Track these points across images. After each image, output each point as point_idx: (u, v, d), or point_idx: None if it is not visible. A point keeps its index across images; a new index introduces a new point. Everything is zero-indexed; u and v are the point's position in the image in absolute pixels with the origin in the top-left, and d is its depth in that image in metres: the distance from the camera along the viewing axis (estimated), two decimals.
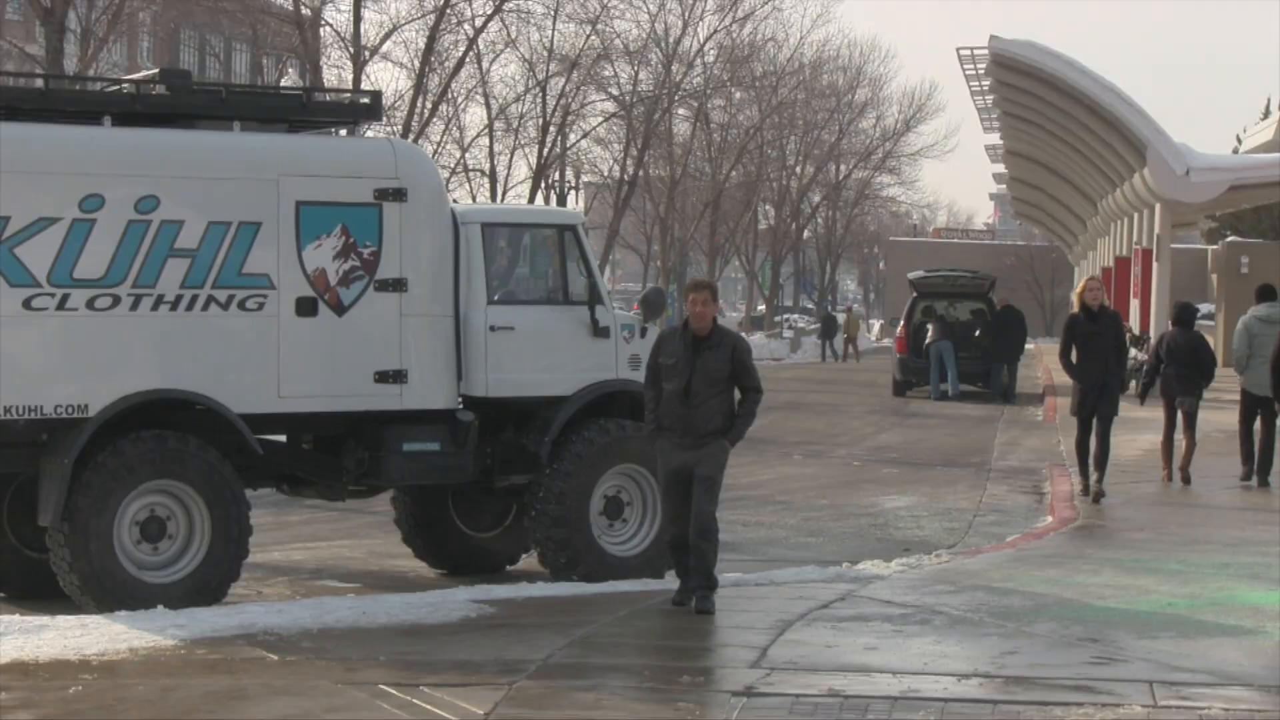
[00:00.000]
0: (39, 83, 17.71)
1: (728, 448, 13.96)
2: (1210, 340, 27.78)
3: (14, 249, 14.04)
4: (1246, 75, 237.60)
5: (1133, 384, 47.08)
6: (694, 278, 14.69)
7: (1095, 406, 20.69)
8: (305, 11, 36.64)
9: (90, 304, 14.30)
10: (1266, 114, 57.21)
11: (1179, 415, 24.83)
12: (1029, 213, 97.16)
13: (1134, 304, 56.61)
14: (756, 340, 76.88)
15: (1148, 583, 16.12)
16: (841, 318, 76.27)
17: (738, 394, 14.23)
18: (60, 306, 14.21)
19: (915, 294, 50.26)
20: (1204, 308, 43.67)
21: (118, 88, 16.70)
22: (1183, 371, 24.49)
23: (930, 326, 45.88)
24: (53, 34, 27.16)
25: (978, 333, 47.16)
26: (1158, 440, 28.60)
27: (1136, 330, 52.71)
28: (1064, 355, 21.00)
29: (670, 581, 15.90)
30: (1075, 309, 20.78)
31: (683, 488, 13.87)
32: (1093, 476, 21.71)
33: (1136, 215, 57.03)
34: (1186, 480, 24.62)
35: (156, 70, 17.18)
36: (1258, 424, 24.16)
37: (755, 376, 14.12)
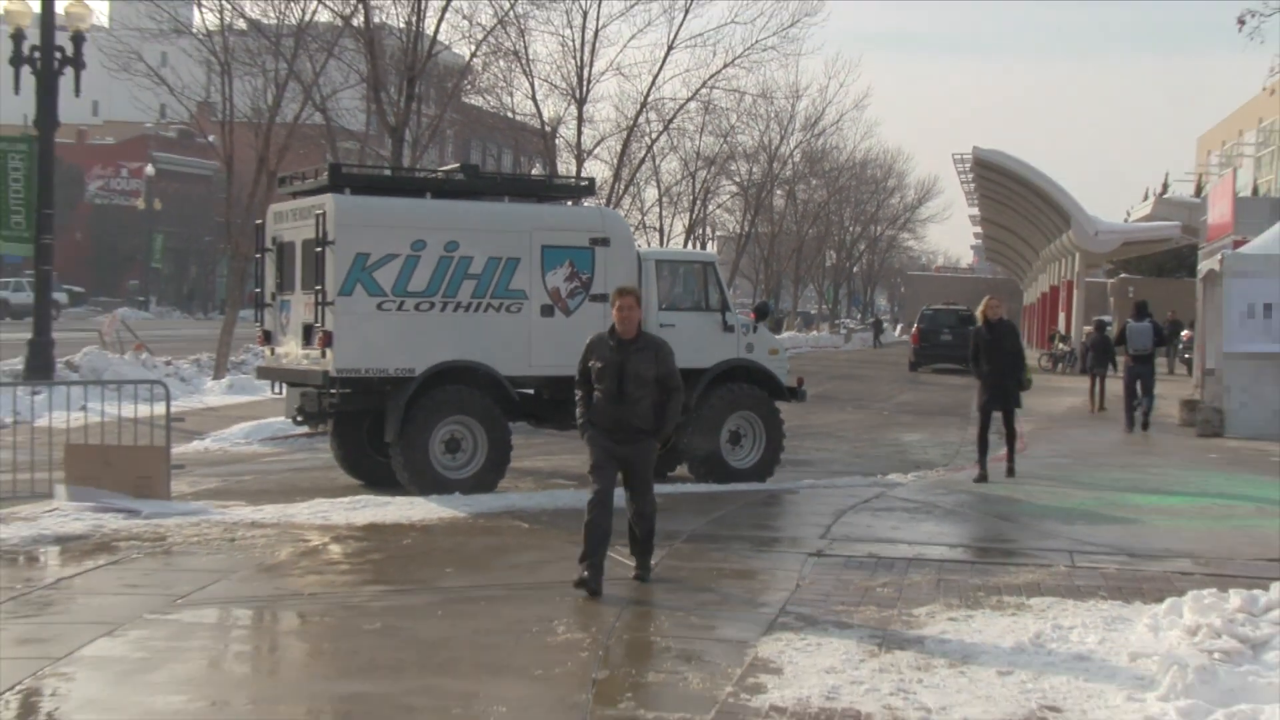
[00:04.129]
0: (387, 172, 18.00)
1: (657, 446, 10.26)
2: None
3: (373, 273, 14.30)
4: (1136, 166, 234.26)
5: (1058, 365, 47.14)
6: (620, 284, 11.64)
7: (997, 402, 16.80)
8: (547, 129, 36.88)
9: (416, 307, 14.50)
10: (1146, 198, 56.50)
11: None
12: (995, 257, 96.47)
13: (1061, 316, 56.41)
14: (823, 336, 76.49)
15: (1069, 490, 15.93)
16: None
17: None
18: (399, 309, 14.42)
19: (927, 316, 49.90)
20: (1106, 318, 43.28)
21: (434, 175, 16.92)
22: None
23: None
24: (395, 142, 27.43)
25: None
26: (1078, 401, 28.93)
27: (1062, 331, 52.42)
28: (971, 360, 17.18)
29: (770, 485, 15.95)
30: (979, 323, 17.03)
31: (613, 469, 10.02)
32: (990, 458, 17.17)
33: (1064, 259, 56.64)
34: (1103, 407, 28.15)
35: (458, 164, 17.34)
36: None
37: (678, 377, 10.05)
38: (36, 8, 22.58)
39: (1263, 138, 52.28)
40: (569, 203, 16.69)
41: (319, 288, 14.29)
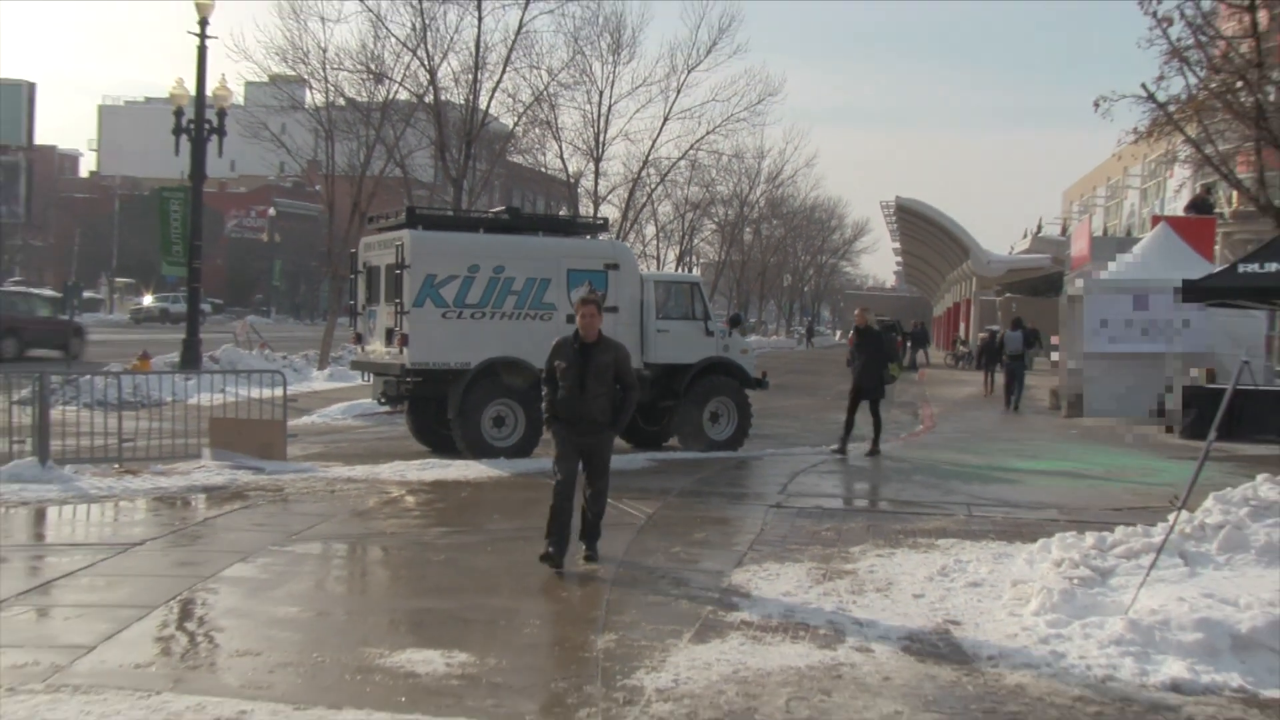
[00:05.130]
0: (450, 213, 17.96)
1: (613, 436, 8.77)
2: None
3: (439, 290, 14.26)
4: (1018, 211, 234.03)
5: (959, 363, 47.10)
6: (584, 294, 9.19)
7: (863, 393, 15.89)
8: (571, 180, 36.78)
9: (471, 316, 14.45)
10: (1025, 236, 56.44)
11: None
12: (912, 279, 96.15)
13: (961, 326, 56.35)
14: (780, 340, 76.35)
15: (967, 458, 15.94)
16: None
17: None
18: (458, 317, 14.37)
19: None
20: (995, 328, 43.19)
21: (485, 215, 16.86)
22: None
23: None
24: (456, 190, 27.41)
25: (894, 336, 47.13)
26: (974, 390, 28.86)
27: (963, 337, 52.35)
28: (848, 358, 16.50)
29: (740, 453, 15.76)
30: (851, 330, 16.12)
31: (575, 460, 8.52)
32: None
33: (964, 282, 56.64)
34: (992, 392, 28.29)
35: (503, 207, 17.30)
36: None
37: (632, 377, 8.68)
38: (193, 91, 23.07)
39: (1110, 192, 52.25)
40: (588, 236, 16.67)
41: (398, 300, 14.25)
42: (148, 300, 62.94)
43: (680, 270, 51.13)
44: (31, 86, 71.08)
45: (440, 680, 5.97)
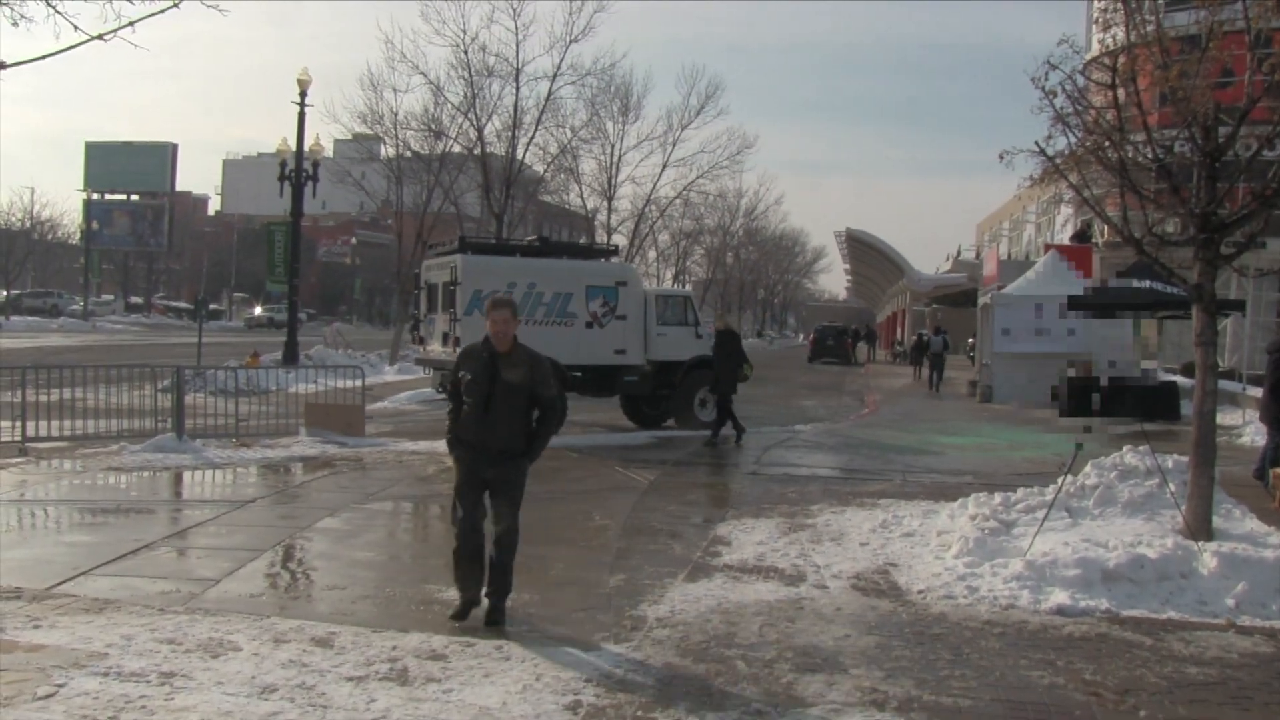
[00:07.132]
0: (493, 241, 17.92)
1: (526, 467, 5.72)
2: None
3: (484, 302, 14.16)
4: (941, 239, 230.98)
5: (896, 359, 47.05)
6: (495, 297, 6.08)
7: (720, 388, 14.27)
8: (589, 215, 36.70)
9: None
10: (948, 259, 56.13)
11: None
12: (859, 293, 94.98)
13: (898, 330, 56.14)
14: (755, 341, 76.06)
15: (901, 434, 15.86)
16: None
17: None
18: None
19: (818, 330, 49.70)
20: (924, 332, 43.08)
21: (521, 242, 16.82)
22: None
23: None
24: (498, 223, 27.43)
25: (845, 339, 47.19)
26: (907, 381, 28.63)
27: (899, 339, 52.29)
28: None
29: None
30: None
31: (477, 493, 5.72)
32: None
33: (900, 296, 56.42)
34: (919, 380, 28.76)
35: (535, 236, 17.25)
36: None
37: (553, 387, 5.68)
38: (294, 147, 23.27)
39: (1013, 225, 52.07)
40: (602, 260, 16.60)
41: (452, 310, 14.19)
42: (258, 310, 63.40)
43: (675, 286, 51.08)
44: (174, 147, 72.68)
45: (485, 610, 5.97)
